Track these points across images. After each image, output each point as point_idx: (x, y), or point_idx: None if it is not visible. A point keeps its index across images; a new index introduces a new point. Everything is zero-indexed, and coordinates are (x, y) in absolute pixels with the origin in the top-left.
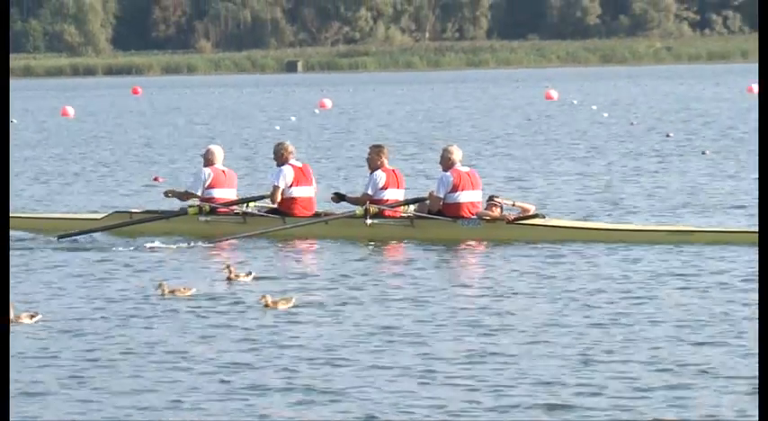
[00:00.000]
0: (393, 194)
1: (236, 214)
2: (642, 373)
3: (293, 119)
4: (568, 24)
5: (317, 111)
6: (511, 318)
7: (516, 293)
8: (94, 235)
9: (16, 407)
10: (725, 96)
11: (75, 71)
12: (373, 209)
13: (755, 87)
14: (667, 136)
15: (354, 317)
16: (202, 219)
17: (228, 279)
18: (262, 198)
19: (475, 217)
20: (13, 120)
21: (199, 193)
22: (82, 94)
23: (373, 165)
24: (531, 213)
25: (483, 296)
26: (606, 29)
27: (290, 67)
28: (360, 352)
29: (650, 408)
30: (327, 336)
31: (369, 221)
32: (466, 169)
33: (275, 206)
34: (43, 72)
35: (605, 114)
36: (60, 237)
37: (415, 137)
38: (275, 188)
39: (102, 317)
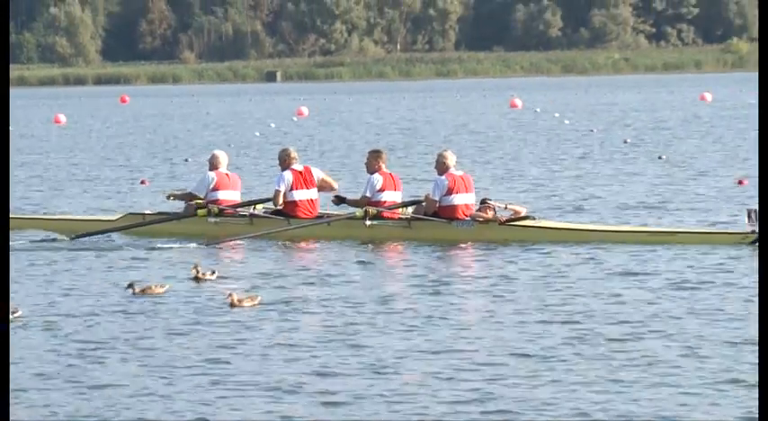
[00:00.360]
0: (390, 196)
1: (243, 216)
2: (621, 368)
3: (272, 125)
4: (532, 37)
5: (294, 118)
6: (492, 314)
7: (505, 290)
8: (111, 235)
9: None
10: (679, 104)
11: (67, 81)
12: (372, 211)
13: (708, 96)
14: (625, 142)
15: (323, 314)
16: (211, 220)
17: (196, 278)
18: (267, 201)
19: (468, 219)
20: (11, 126)
21: (202, 196)
22: (73, 103)
23: (371, 168)
24: (522, 215)
25: (471, 293)
26: (567, 41)
27: (270, 77)
28: (322, 349)
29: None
30: (289, 333)
31: (368, 222)
32: (459, 173)
33: (280, 208)
34: (36, 82)
35: (566, 121)
36: (75, 237)
37: (386, 142)
38: (277, 192)
39: (79, 314)
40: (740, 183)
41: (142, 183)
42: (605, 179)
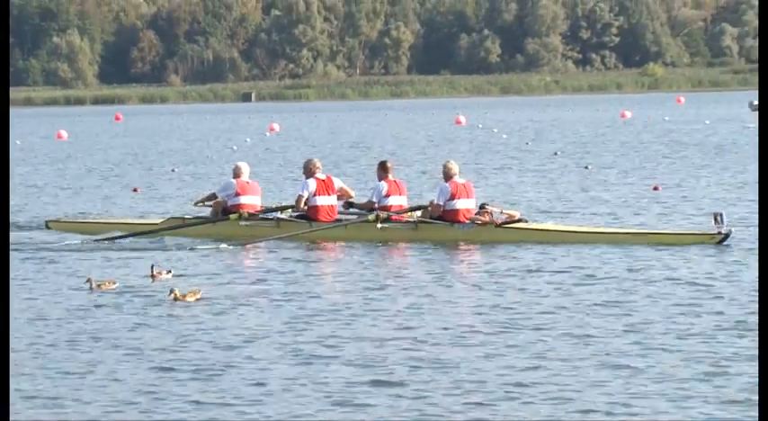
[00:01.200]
0: (395, 201)
1: (271, 219)
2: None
3: (248, 140)
4: (474, 62)
5: (267, 134)
6: (486, 304)
7: (498, 283)
8: (153, 236)
9: None
10: (602, 121)
11: (68, 101)
12: (383, 215)
13: (627, 113)
14: (555, 154)
15: (273, 309)
16: (242, 223)
17: (152, 276)
18: (291, 207)
19: (468, 222)
20: (17, 141)
21: (223, 198)
22: (73, 121)
23: (379, 177)
24: (515, 218)
25: (467, 288)
26: (505, 66)
27: (245, 98)
28: (266, 343)
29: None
30: (231, 326)
31: (379, 225)
32: (462, 181)
33: (303, 212)
34: (42, 102)
35: (504, 136)
36: (120, 237)
37: (348, 152)
38: (300, 196)
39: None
40: (655, 188)
41: (134, 190)
42: (545, 186)
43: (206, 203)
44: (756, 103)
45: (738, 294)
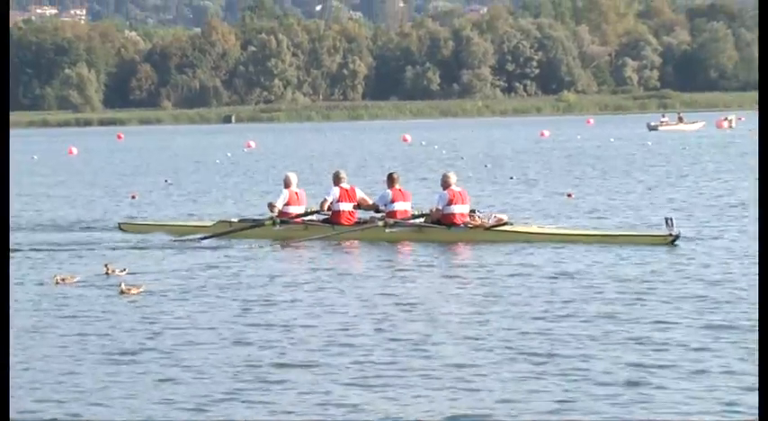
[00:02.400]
0: (401, 206)
1: (300, 223)
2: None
3: (229, 155)
4: (418, 90)
5: (245, 149)
6: (477, 296)
7: (487, 277)
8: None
9: None
10: (524, 139)
11: (78, 122)
12: (390, 221)
13: (546, 133)
14: (485, 166)
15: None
16: (276, 228)
17: (106, 274)
18: (318, 212)
19: (462, 225)
20: (35, 156)
21: (279, 206)
22: (82, 139)
23: (388, 186)
24: (503, 221)
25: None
26: (444, 93)
27: (226, 120)
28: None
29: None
30: (164, 315)
31: (387, 230)
32: (458, 189)
33: (327, 215)
34: (56, 123)
35: (444, 152)
36: (175, 240)
37: (311, 164)
38: (324, 201)
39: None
40: (569, 195)
41: (132, 197)
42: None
43: (271, 207)
44: (653, 123)
45: (688, 287)
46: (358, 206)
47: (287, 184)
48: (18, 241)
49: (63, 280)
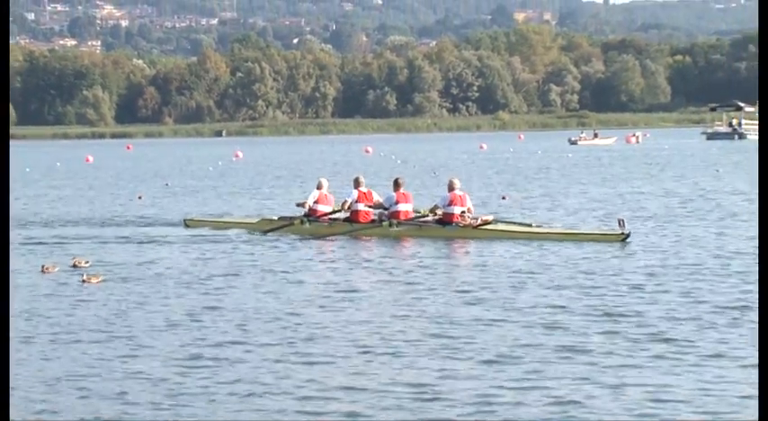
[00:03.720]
0: (403, 207)
1: (325, 221)
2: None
3: (220, 163)
4: (378, 110)
5: (234, 159)
6: (463, 282)
7: (471, 267)
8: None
9: None
10: (466, 151)
11: (94, 135)
12: (395, 222)
13: (485, 146)
14: (434, 173)
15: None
16: (305, 225)
17: (74, 265)
18: (341, 210)
19: (454, 224)
20: (58, 163)
21: (310, 204)
22: (97, 149)
23: (393, 189)
24: (489, 221)
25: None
26: (399, 112)
27: (218, 134)
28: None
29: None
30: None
31: (392, 229)
32: (460, 193)
33: (347, 214)
34: (75, 136)
35: (399, 161)
36: (269, 230)
37: (288, 171)
38: (345, 201)
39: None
40: (503, 198)
41: (139, 197)
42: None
43: (300, 204)
44: (573, 138)
45: (636, 278)
46: (369, 206)
47: (319, 187)
48: (85, 234)
49: (47, 269)
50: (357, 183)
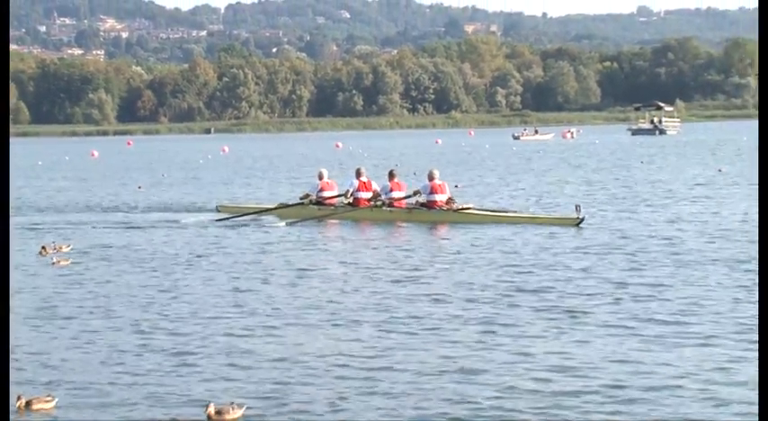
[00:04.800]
0: (397, 194)
1: (332, 203)
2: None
3: (209, 157)
4: (347, 110)
5: (221, 153)
6: (447, 257)
7: (451, 245)
8: (272, 214)
9: None
10: (423, 146)
11: (98, 133)
12: (387, 203)
13: (439, 140)
14: (396, 165)
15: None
16: (313, 207)
17: (54, 249)
18: (344, 195)
19: (438, 208)
20: (66, 157)
21: (313, 194)
22: (101, 145)
23: (388, 179)
24: (466, 206)
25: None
26: (365, 112)
27: (207, 131)
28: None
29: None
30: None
31: (387, 209)
32: (439, 182)
33: (350, 200)
34: (82, 134)
35: (365, 154)
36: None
37: (267, 163)
38: (347, 190)
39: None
40: (456, 186)
41: (139, 187)
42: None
43: (305, 196)
44: (517, 134)
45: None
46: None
47: (320, 177)
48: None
49: (43, 249)
50: (358, 174)
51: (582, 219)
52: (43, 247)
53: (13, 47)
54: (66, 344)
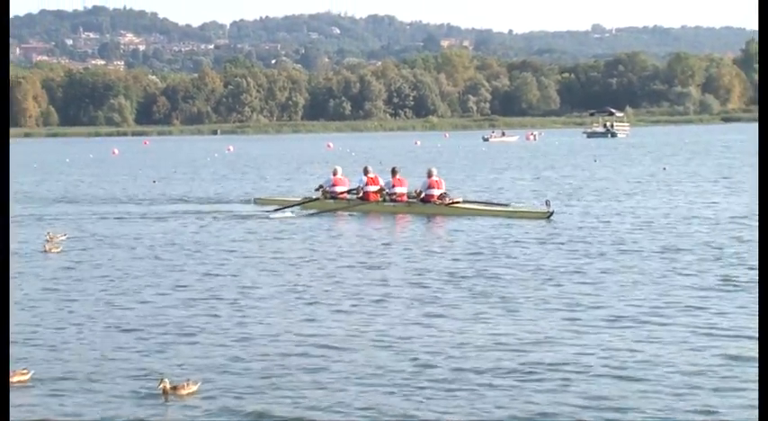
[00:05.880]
0: (399, 190)
1: (344, 197)
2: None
3: (216, 155)
4: (337, 114)
5: (227, 152)
6: (441, 247)
7: (445, 234)
8: (294, 208)
9: None
10: (404, 146)
11: (119, 134)
12: (388, 198)
13: (419, 142)
14: (380, 163)
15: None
16: (328, 201)
17: (49, 239)
18: (355, 190)
19: (432, 202)
20: (90, 155)
21: (327, 187)
22: (121, 144)
23: (391, 176)
24: (457, 200)
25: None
26: (353, 116)
27: (214, 133)
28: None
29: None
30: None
31: (390, 204)
32: (437, 178)
33: (360, 194)
34: (104, 134)
35: (353, 154)
36: (276, 209)
37: (266, 160)
38: (358, 187)
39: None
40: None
41: (153, 182)
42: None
43: (318, 189)
44: (486, 136)
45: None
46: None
47: (334, 173)
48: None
49: (51, 239)
50: (366, 171)
51: (552, 213)
52: (48, 234)
53: (43, 58)
54: (55, 325)
